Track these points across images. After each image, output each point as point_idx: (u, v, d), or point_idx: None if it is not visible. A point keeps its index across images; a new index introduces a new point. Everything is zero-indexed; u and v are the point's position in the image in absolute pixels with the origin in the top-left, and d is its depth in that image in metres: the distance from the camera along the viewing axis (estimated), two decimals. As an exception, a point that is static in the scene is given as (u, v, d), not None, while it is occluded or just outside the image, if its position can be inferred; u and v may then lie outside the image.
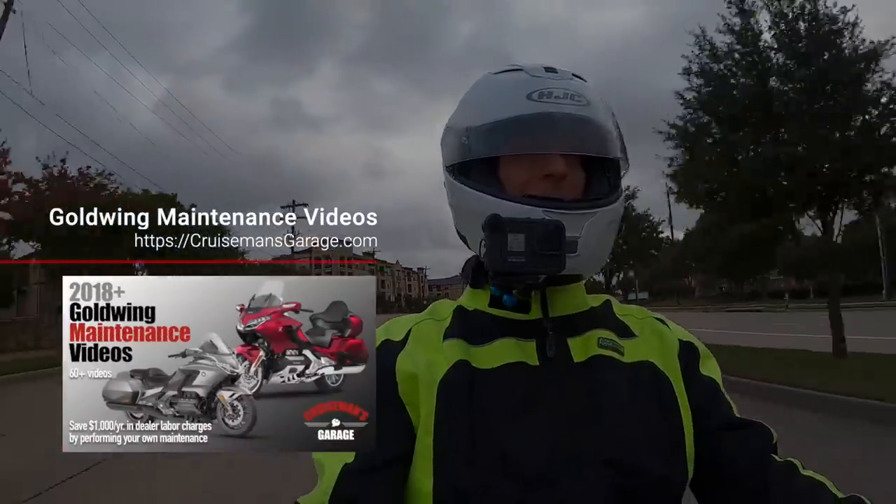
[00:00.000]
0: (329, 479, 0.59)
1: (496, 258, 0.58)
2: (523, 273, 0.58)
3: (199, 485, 3.75)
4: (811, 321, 16.12)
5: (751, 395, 6.23)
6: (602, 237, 0.64)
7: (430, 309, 0.73)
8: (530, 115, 0.64)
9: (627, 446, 0.60)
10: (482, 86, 0.71)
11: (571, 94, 0.65)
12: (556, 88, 0.65)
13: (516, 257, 0.57)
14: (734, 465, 0.63)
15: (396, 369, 0.63)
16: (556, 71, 0.67)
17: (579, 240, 0.61)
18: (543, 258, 0.57)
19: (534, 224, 0.58)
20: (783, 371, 7.06)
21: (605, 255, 0.67)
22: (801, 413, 5.57)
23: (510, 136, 0.65)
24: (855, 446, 4.35)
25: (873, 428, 4.86)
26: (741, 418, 0.67)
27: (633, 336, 0.69)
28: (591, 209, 0.63)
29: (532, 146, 0.64)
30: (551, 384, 0.62)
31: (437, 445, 0.59)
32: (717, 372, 0.71)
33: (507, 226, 0.58)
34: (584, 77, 0.69)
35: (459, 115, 0.71)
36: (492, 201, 0.63)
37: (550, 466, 0.58)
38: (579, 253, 0.61)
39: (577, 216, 0.62)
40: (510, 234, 0.57)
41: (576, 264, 0.61)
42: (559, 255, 0.58)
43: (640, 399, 0.63)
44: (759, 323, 20.08)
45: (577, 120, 0.64)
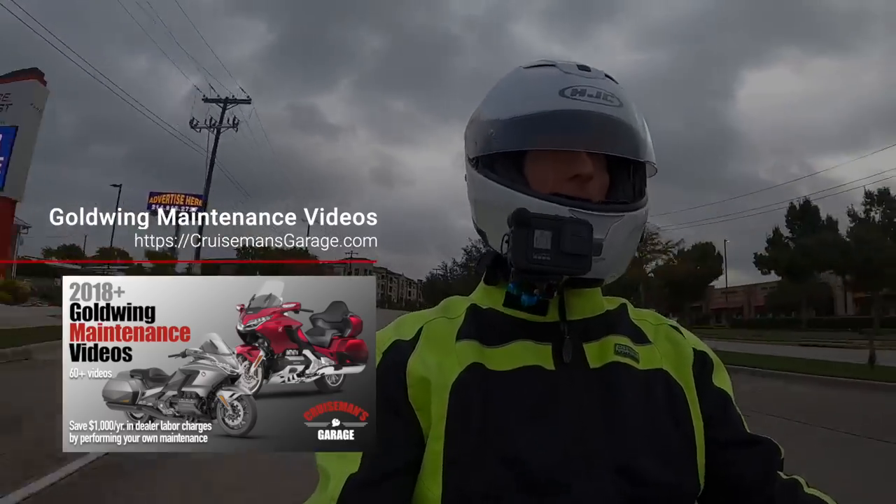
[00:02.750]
0: (333, 490, 0.57)
1: (521, 254, 0.55)
2: (547, 272, 0.56)
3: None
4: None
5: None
6: (626, 242, 0.63)
7: (443, 305, 0.71)
8: (562, 111, 0.62)
9: (641, 455, 0.59)
10: (512, 79, 0.69)
11: (604, 93, 0.64)
12: (589, 87, 0.63)
13: (542, 255, 0.55)
14: (741, 481, 0.63)
15: (408, 372, 0.62)
16: (589, 69, 0.66)
17: (604, 243, 0.60)
18: (569, 258, 0.55)
19: (562, 222, 0.56)
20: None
21: (627, 260, 0.66)
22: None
23: (539, 131, 0.63)
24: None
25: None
26: (751, 434, 0.66)
27: (648, 342, 0.68)
28: (618, 213, 0.62)
29: (561, 143, 0.63)
30: (567, 390, 0.61)
31: (448, 452, 0.58)
32: (729, 384, 0.70)
33: (534, 221, 0.56)
34: (615, 79, 0.68)
35: (487, 108, 0.69)
36: (517, 196, 0.62)
37: (563, 473, 0.57)
38: (603, 256, 0.60)
39: (603, 218, 0.60)
40: (537, 231, 0.55)
41: (599, 268, 0.60)
42: (586, 257, 0.56)
43: (655, 407, 0.63)
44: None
45: (608, 120, 0.63)
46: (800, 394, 8.69)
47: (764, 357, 13.08)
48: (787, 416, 6.17)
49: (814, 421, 6.07)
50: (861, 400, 7.90)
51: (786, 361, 12.04)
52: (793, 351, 16.03)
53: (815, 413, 6.68)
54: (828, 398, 8.10)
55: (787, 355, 13.70)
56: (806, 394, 8.65)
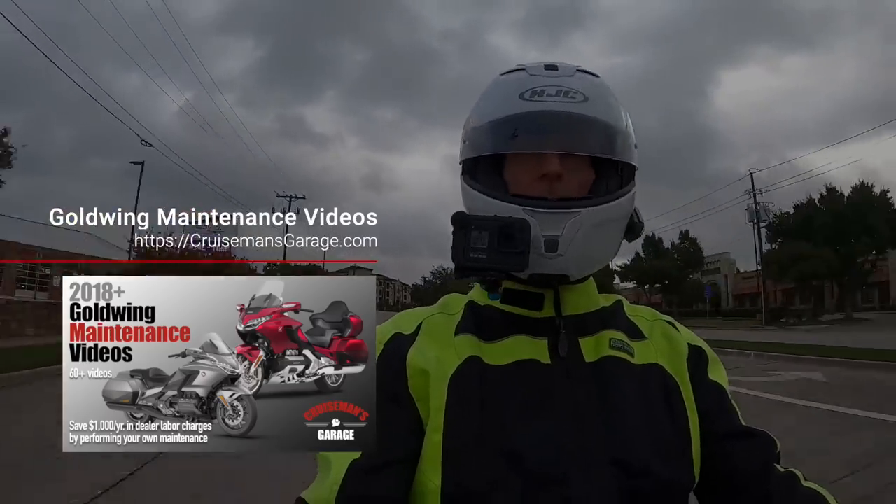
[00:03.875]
0: (336, 475, 0.58)
1: (458, 253, 0.59)
2: (483, 269, 0.58)
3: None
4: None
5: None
6: (590, 237, 0.63)
7: (442, 302, 0.72)
8: (517, 114, 0.64)
9: (636, 448, 0.60)
10: (489, 87, 0.71)
11: (566, 90, 0.64)
12: (549, 86, 0.64)
13: (478, 253, 0.58)
14: (737, 474, 0.63)
15: (408, 364, 0.63)
16: (556, 68, 0.66)
17: (560, 239, 0.61)
18: (505, 256, 0.58)
19: (498, 222, 0.59)
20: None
21: (600, 255, 0.67)
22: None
23: (500, 135, 0.65)
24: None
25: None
26: (747, 427, 0.67)
27: (644, 338, 0.69)
28: (571, 209, 0.62)
29: (519, 146, 0.64)
30: (562, 383, 0.62)
31: (446, 442, 0.59)
32: (725, 378, 0.70)
33: (472, 223, 0.59)
34: (594, 72, 0.68)
35: (470, 115, 0.71)
36: (486, 200, 0.64)
37: (559, 465, 0.58)
38: (561, 252, 0.61)
39: (556, 215, 0.61)
40: (474, 231, 0.59)
41: (560, 264, 0.61)
42: (522, 253, 0.58)
43: (650, 401, 0.63)
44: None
45: (568, 118, 0.63)
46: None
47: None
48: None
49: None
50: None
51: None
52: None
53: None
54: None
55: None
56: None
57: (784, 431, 2.86)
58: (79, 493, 3.31)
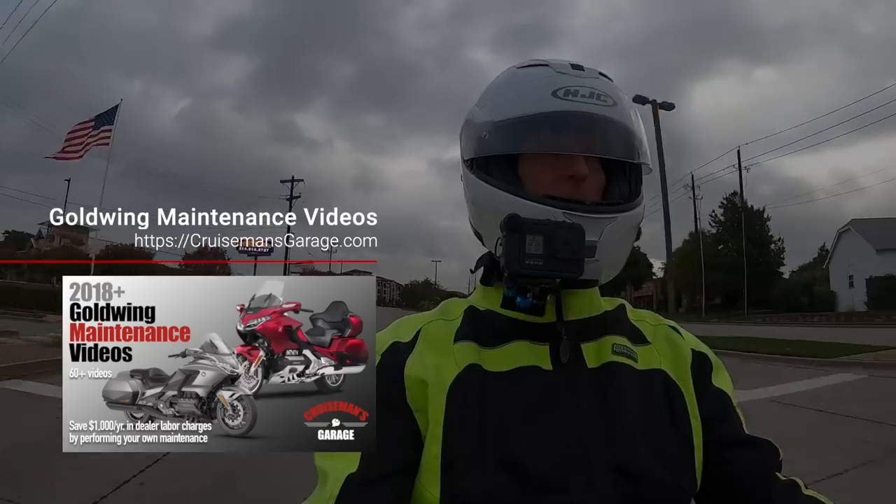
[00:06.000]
0: (332, 488, 0.57)
1: (513, 260, 0.56)
2: (540, 276, 0.56)
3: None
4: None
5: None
6: (621, 243, 0.63)
7: (441, 308, 0.71)
8: (555, 112, 0.62)
9: (638, 454, 0.59)
10: (506, 80, 0.68)
11: (598, 93, 0.63)
12: (582, 87, 0.63)
13: (534, 260, 0.55)
14: (740, 482, 0.63)
15: (405, 374, 0.62)
16: (582, 68, 0.66)
17: (598, 244, 0.60)
18: (561, 262, 0.55)
19: (554, 227, 0.56)
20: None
21: (623, 260, 0.66)
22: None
23: (533, 133, 0.63)
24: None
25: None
26: (750, 435, 0.66)
27: (647, 343, 0.68)
28: (611, 214, 0.62)
29: (556, 145, 0.62)
30: (564, 389, 0.61)
31: (445, 454, 0.58)
32: (730, 385, 0.70)
33: (526, 227, 0.56)
34: (609, 76, 0.67)
35: (481, 109, 0.68)
36: (511, 200, 0.61)
37: (560, 472, 0.57)
38: (597, 258, 0.60)
39: (597, 220, 0.60)
40: (529, 236, 0.55)
41: (594, 269, 0.60)
42: (578, 260, 0.56)
43: (652, 407, 0.63)
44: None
45: (602, 121, 0.63)
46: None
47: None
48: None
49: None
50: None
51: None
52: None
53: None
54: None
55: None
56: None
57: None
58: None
